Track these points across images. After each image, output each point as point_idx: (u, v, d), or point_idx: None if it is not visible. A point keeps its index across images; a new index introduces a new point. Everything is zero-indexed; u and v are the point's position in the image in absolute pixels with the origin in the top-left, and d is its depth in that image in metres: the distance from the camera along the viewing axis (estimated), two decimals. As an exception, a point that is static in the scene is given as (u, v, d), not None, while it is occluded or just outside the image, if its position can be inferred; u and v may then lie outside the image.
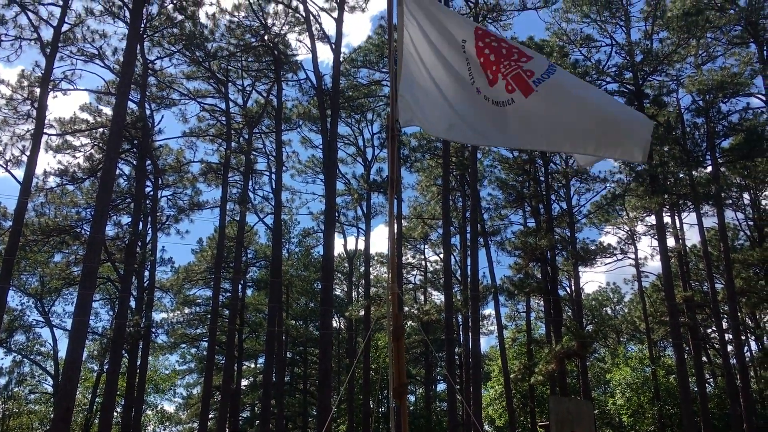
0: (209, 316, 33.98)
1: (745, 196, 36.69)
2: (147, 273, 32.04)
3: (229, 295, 36.31)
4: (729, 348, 31.22)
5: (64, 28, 26.42)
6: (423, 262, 46.13)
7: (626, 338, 47.88)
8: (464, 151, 32.16)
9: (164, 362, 51.05)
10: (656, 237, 31.81)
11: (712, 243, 34.40)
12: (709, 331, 38.21)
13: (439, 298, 42.30)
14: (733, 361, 30.79)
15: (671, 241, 34.61)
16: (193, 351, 47.22)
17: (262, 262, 42.90)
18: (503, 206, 36.92)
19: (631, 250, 39.53)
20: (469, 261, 30.26)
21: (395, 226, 28.97)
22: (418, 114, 5.96)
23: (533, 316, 40.73)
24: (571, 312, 34.92)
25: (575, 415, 13.11)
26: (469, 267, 30.14)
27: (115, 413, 30.93)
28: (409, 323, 34.15)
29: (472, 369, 27.71)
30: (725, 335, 32.22)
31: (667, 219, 34.44)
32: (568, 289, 37.47)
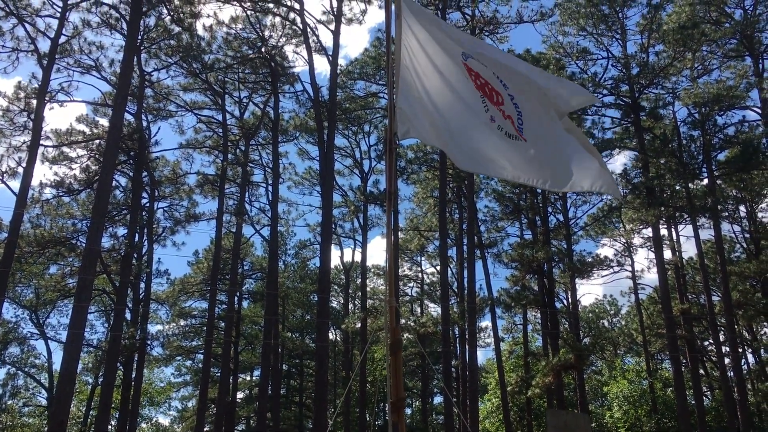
0: (205, 329, 33.88)
1: (742, 208, 36.78)
2: (143, 285, 31.94)
3: (225, 307, 36.24)
4: (726, 361, 31.18)
5: (62, 39, 26.46)
6: (420, 274, 46.11)
7: (623, 351, 47.78)
8: (461, 164, 32.10)
9: (159, 375, 50.78)
10: (653, 249, 31.80)
11: (708, 255, 34.42)
12: (707, 343, 38.17)
13: (435, 311, 42.28)
14: (731, 374, 30.75)
15: (668, 254, 34.65)
16: (188, 363, 47.00)
17: (258, 274, 42.78)
18: (500, 218, 36.92)
19: (628, 262, 39.49)
20: (465, 273, 30.24)
21: (393, 239, 28.95)
22: (415, 125, 5.97)
23: (530, 328, 40.65)
24: (568, 324, 34.85)
25: (573, 429, 13.08)
26: (465, 279, 30.12)
27: (109, 426, 30.75)
28: (406, 335, 34.05)
29: (469, 382, 27.64)
30: (722, 348, 32.18)
31: (664, 231, 34.49)
32: (565, 302, 37.45)
